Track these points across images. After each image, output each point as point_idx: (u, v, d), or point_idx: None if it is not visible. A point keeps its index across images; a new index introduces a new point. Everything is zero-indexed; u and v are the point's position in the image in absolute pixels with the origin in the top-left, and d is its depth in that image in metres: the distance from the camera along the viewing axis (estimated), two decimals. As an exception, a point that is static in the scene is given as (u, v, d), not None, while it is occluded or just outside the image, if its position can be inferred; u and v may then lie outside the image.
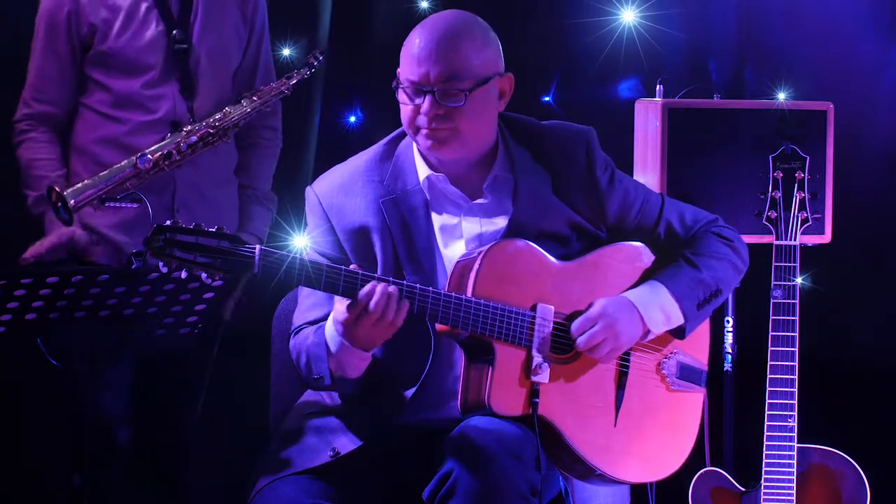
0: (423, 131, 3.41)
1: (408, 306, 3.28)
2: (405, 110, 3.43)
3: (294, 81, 4.08)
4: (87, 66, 4.03)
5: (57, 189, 3.84)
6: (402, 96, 3.42)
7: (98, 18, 3.99)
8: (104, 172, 3.88)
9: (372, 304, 3.25)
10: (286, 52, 4.41)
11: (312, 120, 4.76)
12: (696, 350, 3.60)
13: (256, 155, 4.22)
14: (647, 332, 3.47)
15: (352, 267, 3.29)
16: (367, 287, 3.26)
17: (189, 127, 3.95)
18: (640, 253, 3.55)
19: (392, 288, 3.26)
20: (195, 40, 4.03)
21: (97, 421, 3.95)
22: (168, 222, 3.19)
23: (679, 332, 3.53)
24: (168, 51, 4.01)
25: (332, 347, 3.36)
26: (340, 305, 3.30)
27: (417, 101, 3.40)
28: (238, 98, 4.04)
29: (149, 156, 3.88)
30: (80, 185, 3.85)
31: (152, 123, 4.00)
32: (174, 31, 4.01)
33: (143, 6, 4.01)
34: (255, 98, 4.03)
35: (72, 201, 3.82)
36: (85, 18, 3.99)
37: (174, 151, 3.91)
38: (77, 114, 4.06)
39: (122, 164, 3.88)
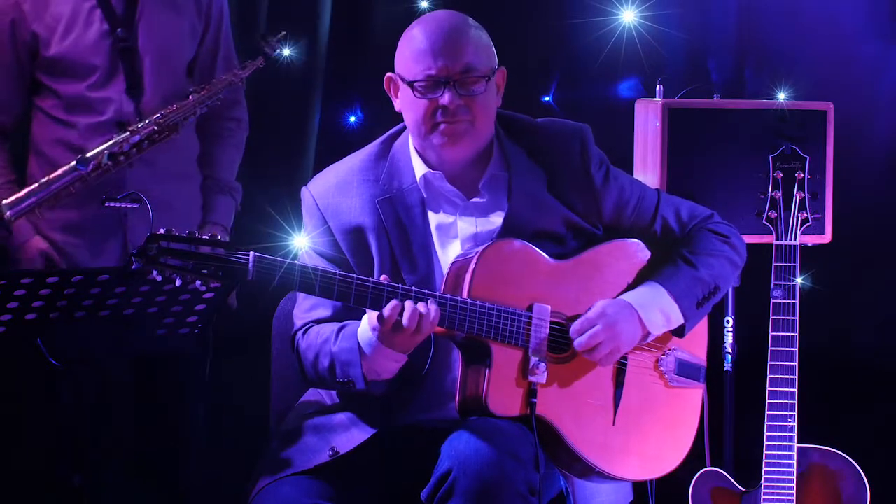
0: (441, 126, 3.41)
1: (438, 313, 3.29)
2: (419, 106, 3.42)
3: (247, 73, 4.03)
4: (37, 71, 4.01)
5: None
6: (416, 94, 3.41)
7: (41, 26, 3.96)
8: (44, 180, 3.86)
9: (405, 319, 3.26)
10: (286, 52, 4.41)
11: (312, 120, 4.77)
12: (694, 346, 3.60)
13: (218, 145, 4.19)
14: (647, 334, 3.48)
15: (382, 278, 3.30)
16: (391, 304, 3.26)
17: (133, 127, 3.93)
18: (636, 250, 3.56)
19: (408, 303, 3.26)
20: (140, 38, 3.99)
21: (97, 421, 3.96)
22: (161, 230, 3.18)
23: (678, 331, 3.53)
24: (112, 51, 3.99)
25: (367, 351, 3.35)
26: (374, 314, 3.30)
27: (434, 95, 3.40)
28: (186, 94, 4.01)
29: (89, 159, 3.85)
30: (18, 195, 3.83)
31: (101, 125, 3.97)
32: (118, 30, 3.99)
33: (87, 6, 3.98)
34: (202, 92, 4.00)
35: (8, 213, 3.80)
36: (27, 26, 3.97)
37: (117, 152, 3.89)
38: (33, 115, 4.05)
39: (62, 170, 3.85)
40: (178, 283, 3.20)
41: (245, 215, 4.35)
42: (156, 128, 3.92)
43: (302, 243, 3.50)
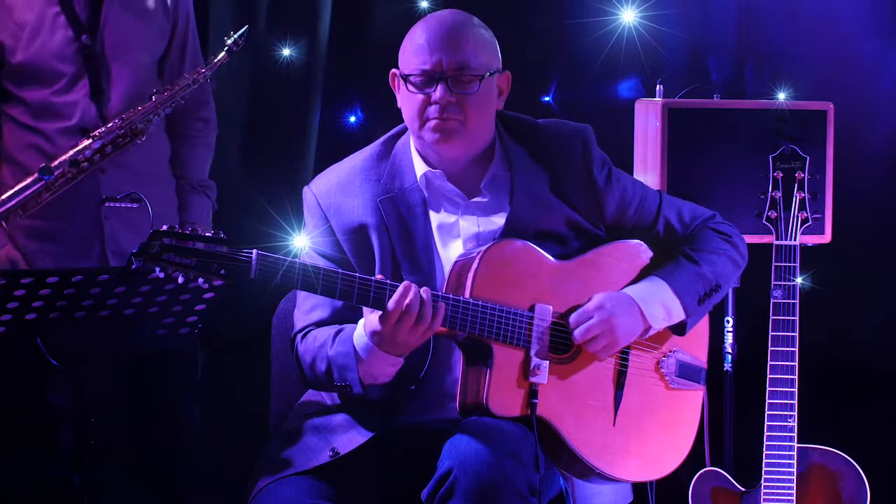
0: (432, 122, 3.41)
1: (443, 308, 3.29)
2: (413, 101, 3.42)
3: (211, 70, 3.99)
4: (4, 79, 3.99)
5: None
6: (409, 88, 3.41)
7: (5, 34, 3.95)
8: (10, 192, 3.84)
9: (407, 307, 3.25)
10: (286, 51, 4.41)
11: (312, 120, 4.77)
12: (695, 348, 3.60)
13: (187, 146, 4.17)
14: (648, 328, 3.48)
15: (379, 277, 3.30)
16: (399, 292, 3.26)
17: (94, 133, 3.91)
18: (638, 250, 3.56)
19: (424, 290, 3.26)
20: (106, 43, 3.97)
21: (97, 420, 3.95)
22: (164, 227, 3.19)
23: (679, 329, 3.54)
24: (77, 56, 3.96)
25: (364, 355, 3.35)
26: (373, 316, 3.30)
27: (428, 90, 3.40)
28: (148, 95, 3.98)
29: (53, 168, 3.84)
30: None
31: (69, 130, 3.95)
32: (82, 36, 3.97)
33: (51, 12, 3.95)
34: (165, 93, 3.98)
35: None
36: None
37: (80, 160, 3.87)
38: (3, 123, 4.03)
39: (28, 180, 3.84)
40: (180, 280, 3.20)
41: (245, 215, 4.35)
42: (119, 132, 3.90)
43: (303, 243, 3.50)
